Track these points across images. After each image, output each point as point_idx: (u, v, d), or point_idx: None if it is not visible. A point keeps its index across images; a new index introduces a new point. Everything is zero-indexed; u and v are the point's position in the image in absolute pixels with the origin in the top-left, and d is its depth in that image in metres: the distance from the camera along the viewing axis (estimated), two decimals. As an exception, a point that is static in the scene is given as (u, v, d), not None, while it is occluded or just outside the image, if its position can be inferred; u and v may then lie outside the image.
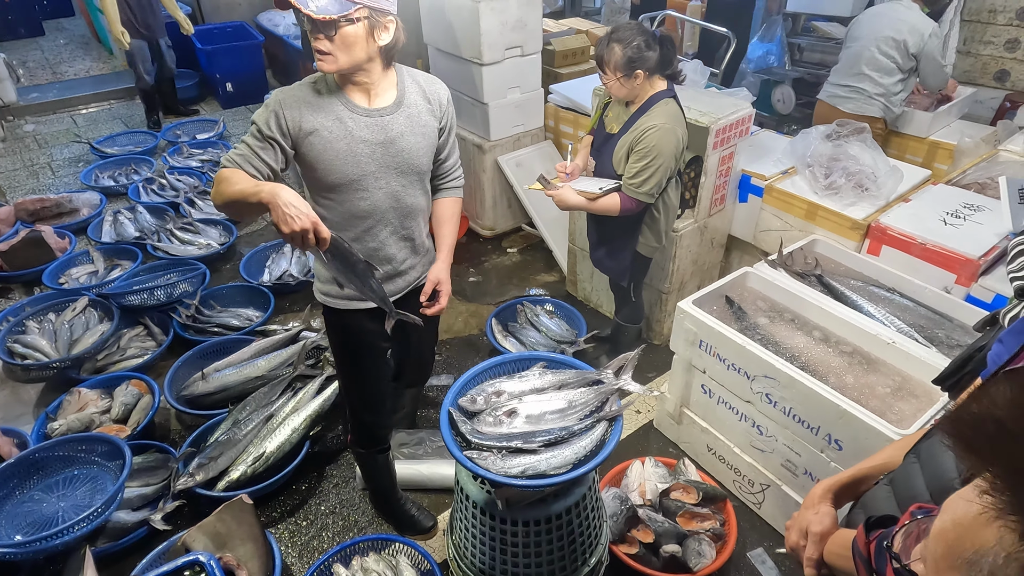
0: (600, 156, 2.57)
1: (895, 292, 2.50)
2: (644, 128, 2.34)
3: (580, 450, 1.66)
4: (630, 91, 2.37)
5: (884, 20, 3.38)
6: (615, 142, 2.47)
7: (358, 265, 1.66)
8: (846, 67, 3.52)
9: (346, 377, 2.12)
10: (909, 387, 2.13)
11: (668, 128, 2.33)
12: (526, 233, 4.27)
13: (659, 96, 2.39)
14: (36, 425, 2.67)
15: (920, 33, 3.26)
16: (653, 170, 2.35)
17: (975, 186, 3.02)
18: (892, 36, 3.31)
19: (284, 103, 1.69)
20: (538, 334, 3.24)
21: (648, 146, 2.33)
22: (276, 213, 1.47)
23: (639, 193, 2.40)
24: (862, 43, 3.42)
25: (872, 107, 3.44)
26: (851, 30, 3.58)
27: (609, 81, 2.36)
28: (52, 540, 2.04)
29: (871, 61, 3.37)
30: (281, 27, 6.39)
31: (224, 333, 3.24)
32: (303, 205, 1.48)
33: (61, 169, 5.16)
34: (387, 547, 2.27)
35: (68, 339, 3.11)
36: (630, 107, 2.45)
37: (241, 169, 1.66)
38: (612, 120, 2.53)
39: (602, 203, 2.44)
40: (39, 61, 7.22)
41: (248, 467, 2.45)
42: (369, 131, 1.75)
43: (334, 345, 2.09)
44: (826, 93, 3.67)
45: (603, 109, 2.61)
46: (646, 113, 2.38)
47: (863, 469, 1.18)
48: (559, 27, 4.91)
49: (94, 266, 3.76)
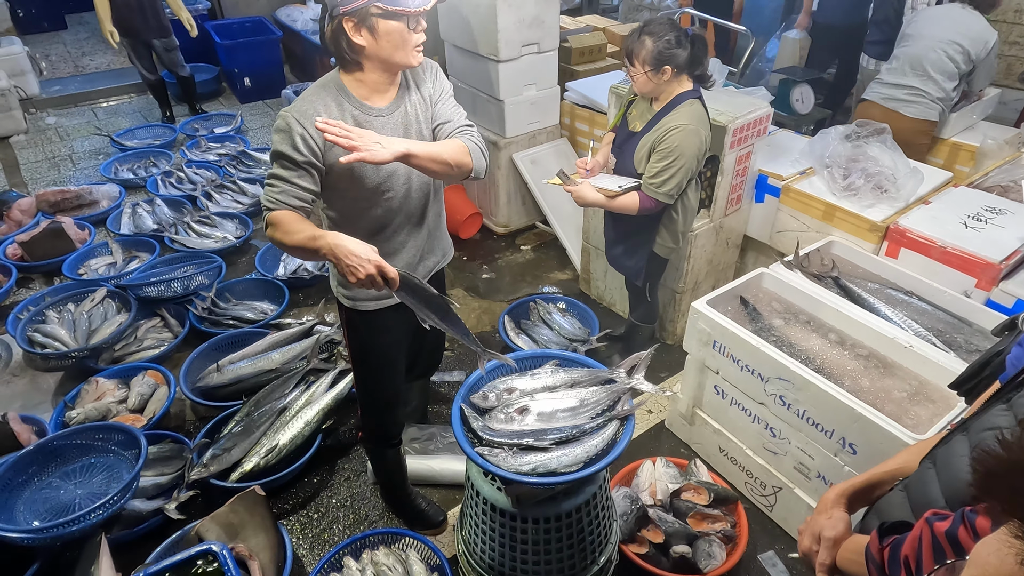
0: (621, 154, 2.56)
1: (913, 295, 2.47)
2: (668, 128, 2.32)
3: (591, 449, 1.66)
4: (656, 87, 2.34)
5: (949, 23, 3.26)
6: (637, 140, 2.45)
7: (433, 299, 1.60)
8: (906, 67, 3.36)
9: (366, 376, 2.11)
10: (926, 392, 2.10)
11: (692, 129, 2.30)
12: (540, 231, 4.26)
13: (685, 96, 2.36)
14: (55, 413, 2.72)
15: (985, 41, 3.19)
16: (674, 170, 2.33)
17: (997, 189, 2.97)
18: (958, 41, 3.20)
19: (303, 121, 1.61)
20: (551, 332, 3.24)
21: (671, 146, 2.31)
22: (340, 266, 1.50)
23: (659, 193, 2.38)
24: (926, 43, 3.28)
25: (933, 111, 3.31)
26: (909, 28, 3.43)
27: (636, 74, 2.32)
28: (69, 527, 2.08)
29: (937, 63, 3.24)
30: (299, 22, 6.42)
31: (239, 326, 3.27)
32: (364, 250, 1.49)
33: (82, 161, 5.23)
34: (397, 541, 2.28)
35: (87, 329, 3.15)
36: (654, 105, 2.42)
37: (287, 207, 1.62)
38: (636, 118, 2.51)
39: (620, 201, 2.42)
40: (61, 54, 7.32)
41: (261, 459, 2.48)
42: (388, 129, 1.73)
43: (355, 345, 2.06)
44: (879, 95, 3.48)
45: (627, 107, 2.59)
46: (670, 113, 2.35)
47: (878, 474, 1.17)
48: (576, 24, 4.88)
49: (113, 258, 3.81)
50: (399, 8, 1.55)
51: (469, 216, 4.07)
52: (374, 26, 1.59)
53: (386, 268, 1.50)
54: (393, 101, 1.76)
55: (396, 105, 1.76)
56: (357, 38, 1.60)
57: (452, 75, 4.09)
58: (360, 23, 1.59)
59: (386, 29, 1.59)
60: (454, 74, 4.07)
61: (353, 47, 1.62)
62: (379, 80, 1.70)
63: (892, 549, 0.94)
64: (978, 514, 0.80)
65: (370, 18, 1.57)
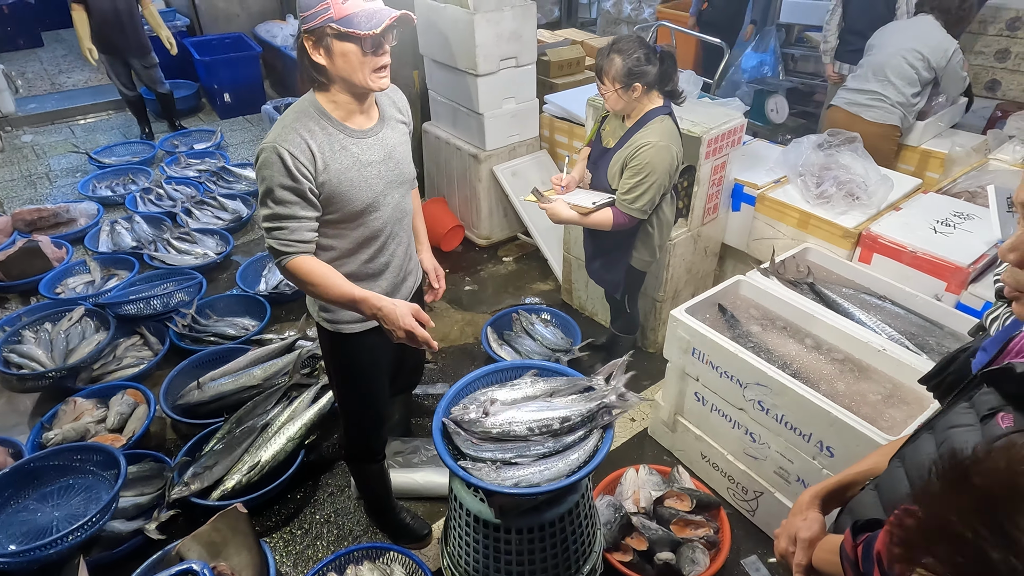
0: (596, 169, 2.59)
1: (886, 300, 2.52)
2: (639, 145, 2.35)
3: (573, 463, 1.67)
4: (627, 104, 2.38)
5: (910, 33, 3.41)
6: (611, 156, 2.48)
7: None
8: (869, 73, 3.51)
9: (351, 397, 2.10)
10: (900, 394, 2.14)
11: (663, 146, 2.34)
12: (522, 242, 4.29)
13: (655, 112, 2.40)
14: (31, 435, 2.67)
15: (944, 50, 3.31)
16: (646, 187, 2.36)
17: (965, 195, 3.05)
18: (918, 49, 3.33)
19: (289, 148, 1.60)
20: (533, 343, 3.25)
21: (642, 163, 2.34)
22: (383, 327, 1.72)
23: (632, 209, 2.41)
24: (888, 52, 3.43)
25: (893, 116, 3.44)
26: (874, 39, 3.59)
27: (607, 92, 2.36)
28: (46, 549, 2.04)
29: (897, 69, 3.38)
30: (279, 38, 6.43)
31: (220, 342, 3.25)
32: (397, 315, 1.65)
33: (59, 179, 5.18)
34: (382, 556, 2.27)
35: (64, 349, 3.11)
36: (626, 122, 2.46)
37: (303, 246, 1.68)
38: (609, 134, 2.54)
39: (595, 218, 2.45)
40: (38, 72, 7.25)
41: (243, 476, 2.46)
42: (371, 152, 1.75)
43: (339, 368, 2.04)
44: (843, 100, 3.62)
45: (601, 122, 2.63)
46: (641, 129, 2.39)
47: (850, 475, 1.20)
48: (555, 38, 4.95)
49: (91, 276, 3.77)
50: (351, 30, 1.54)
51: (451, 228, 4.09)
52: (330, 46, 1.59)
53: (416, 330, 1.67)
54: (376, 124, 1.78)
55: (378, 128, 1.78)
56: (317, 57, 1.61)
57: (431, 89, 4.12)
58: (318, 42, 1.60)
59: (341, 50, 1.58)
60: (433, 88, 4.10)
61: (315, 65, 1.63)
62: (349, 101, 1.70)
63: (865, 546, 0.96)
64: None
65: (326, 38, 1.58)
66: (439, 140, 4.18)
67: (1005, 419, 0.82)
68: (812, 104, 6.09)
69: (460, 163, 4.06)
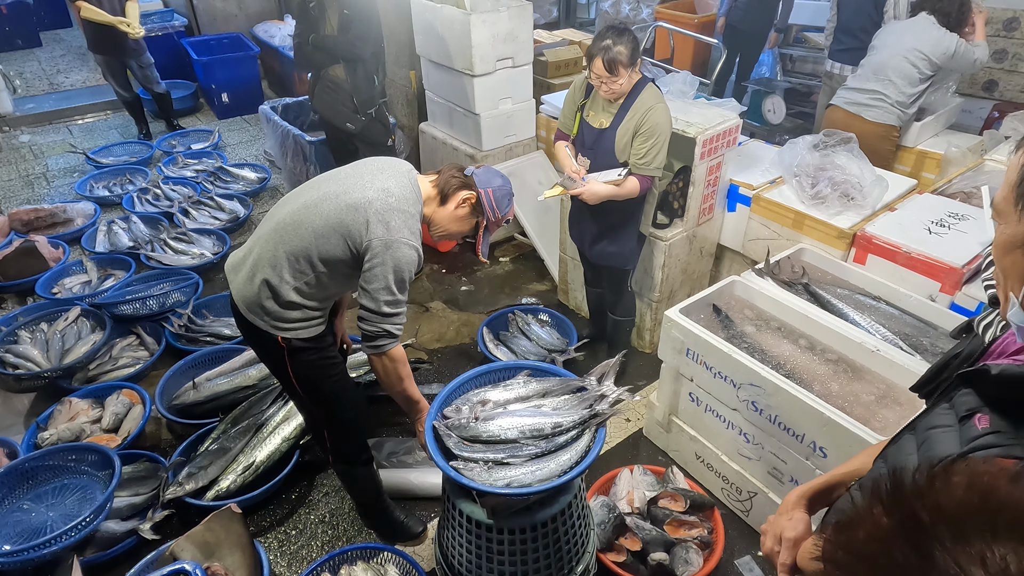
0: (595, 152, 2.64)
1: (881, 300, 2.52)
2: (644, 110, 2.48)
3: (565, 463, 1.67)
4: (628, 83, 2.48)
5: (911, 34, 3.41)
6: (611, 134, 2.56)
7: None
8: (870, 73, 3.51)
9: (336, 395, 2.07)
10: (893, 395, 2.14)
11: (662, 106, 2.50)
12: (519, 242, 4.29)
13: (641, 83, 2.53)
14: (27, 435, 2.68)
15: (946, 47, 3.32)
16: (660, 146, 2.50)
17: (960, 195, 3.05)
18: (920, 48, 3.34)
19: (417, 247, 1.81)
20: (529, 343, 3.25)
21: (652, 124, 2.47)
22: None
23: (651, 170, 2.54)
24: (890, 52, 3.44)
25: (892, 115, 3.44)
26: (876, 39, 3.60)
27: (620, 79, 2.44)
28: (40, 549, 2.05)
29: (898, 69, 3.39)
30: (277, 38, 6.43)
31: (216, 342, 3.25)
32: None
33: (56, 179, 5.18)
34: (376, 556, 2.27)
35: (60, 349, 3.11)
36: (616, 100, 2.54)
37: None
38: (596, 117, 2.62)
39: (627, 187, 2.55)
40: (36, 72, 7.25)
41: (238, 476, 2.46)
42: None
43: (313, 377, 2.00)
44: (843, 99, 3.61)
45: (580, 111, 2.68)
46: (638, 99, 2.51)
47: (836, 475, 1.20)
48: (552, 38, 4.95)
49: (87, 276, 3.77)
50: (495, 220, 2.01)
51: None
52: (477, 220, 2.02)
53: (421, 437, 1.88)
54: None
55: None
56: (461, 209, 1.96)
57: (428, 89, 4.12)
58: (475, 211, 1.99)
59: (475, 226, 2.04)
60: (430, 88, 4.10)
61: (459, 216, 1.99)
62: (424, 218, 1.95)
63: None
64: None
65: (480, 217, 2.02)
66: (436, 140, 4.18)
67: (982, 420, 0.82)
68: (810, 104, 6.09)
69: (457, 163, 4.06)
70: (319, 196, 1.83)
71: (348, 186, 1.82)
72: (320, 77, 3.59)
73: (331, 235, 1.77)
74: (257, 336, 1.92)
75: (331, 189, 1.83)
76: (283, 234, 1.82)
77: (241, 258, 1.93)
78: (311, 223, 1.79)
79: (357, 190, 1.79)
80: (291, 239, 1.80)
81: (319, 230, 1.78)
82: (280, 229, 1.83)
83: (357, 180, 1.84)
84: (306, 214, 1.81)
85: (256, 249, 1.87)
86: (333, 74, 3.53)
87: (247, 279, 1.86)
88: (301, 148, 4.28)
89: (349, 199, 1.78)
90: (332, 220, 1.77)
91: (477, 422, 1.75)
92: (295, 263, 1.81)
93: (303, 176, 4.40)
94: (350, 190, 1.80)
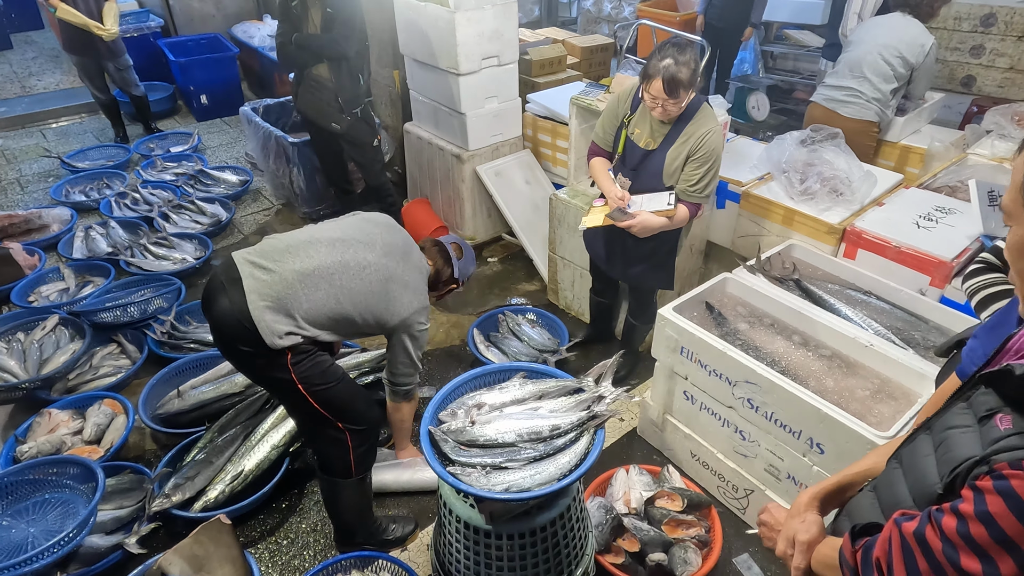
0: (639, 174, 2.53)
1: (872, 295, 2.53)
2: (701, 134, 2.37)
3: (564, 466, 1.65)
4: (686, 104, 2.36)
5: (887, 30, 3.43)
6: (660, 156, 2.45)
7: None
8: (845, 69, 3.53)
9: (350, 406, 2.02)
10: (888, 389, 2.15)
11: (719, 129, 2.42)
12: (507, 242, 4.26)
13: (697, 101, 2.41)
14: (5, 449, 2.59)
15: (921, 45, 3.33)
16: (713, 172, 2.43)
17: (946, 189, 3.08)
18: (895, 45, 3.36)
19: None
20: (520, 344, 3.22)
21: (708, 150, 2.38)
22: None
23: (702, 197, 2.46)
24: (865, 48, 3.45)
25: (869, 111, 3.46)
26: (852, 36, 3.63)
27: (683, 102, 2.32)
28: (22, 567, 1.98)
29: (873, 65, 3.40)
30: (256, 39, 6.34)
31: (200, 349, 3.18)
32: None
33: (30, 184, 5.05)
34: (370, 564, 2.23)
35: (38, 359, 3.02)
36: (666, 120, 2.42)
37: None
38: (643, 136, 2.49)
39: (677, 216, 2.45)
40: (7, 75, 7.08)
41: (226, 486, 2.40)
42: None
43: (326, 387, 1.95)
44: (821, 96, 3.64)
45: (624, 127, 2.55)
46: (693, 120, 2.39)
47: (847, 476, 1.19)
48: (536, 37, 4.92)
49: (65, 283, 3.67)
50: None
51: (435, 229, 4.05)
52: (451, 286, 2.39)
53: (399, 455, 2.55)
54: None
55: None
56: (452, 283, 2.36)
57: (413, 88, 4.08)
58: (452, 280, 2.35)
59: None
60: (414, 88, 4.05)
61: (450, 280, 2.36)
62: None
63: (864, 552, 0.94)
64: (944, 513, 0.81)
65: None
66: (421, 140, 4.14)
67: (1004, 420, 0.80)
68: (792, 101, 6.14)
69: (443, 163, 4.02)
70: (362, 289, 1.97)
71: (386, 299, 2.00)
72: (304, 77, 3.53)
73: (366, 324, 2.02)
74: (250, 359, 1.91)
75: (367, 288, 1.98)
76: (323, 297, 1.92)
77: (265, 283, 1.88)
78: (350, 309, 1.95)
79: (396, 306, 2.01)
80: (324, 303, 1.92)
81: (355, 315, 1.98)
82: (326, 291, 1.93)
83: (392, 297, 2.01)
84: (347, 297, 1.94)
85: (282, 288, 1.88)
86: (317, 73, 3.48)
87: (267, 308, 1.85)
88: (284, 150, 4.21)
89: (388, 314, 2.01)
90: (370, 321, 2.00)
91: (473, 426, 1.72)
92: (321, 320, 1.93)
93: (285, 178, 4.33)
94: (390, 304, 2.01)
